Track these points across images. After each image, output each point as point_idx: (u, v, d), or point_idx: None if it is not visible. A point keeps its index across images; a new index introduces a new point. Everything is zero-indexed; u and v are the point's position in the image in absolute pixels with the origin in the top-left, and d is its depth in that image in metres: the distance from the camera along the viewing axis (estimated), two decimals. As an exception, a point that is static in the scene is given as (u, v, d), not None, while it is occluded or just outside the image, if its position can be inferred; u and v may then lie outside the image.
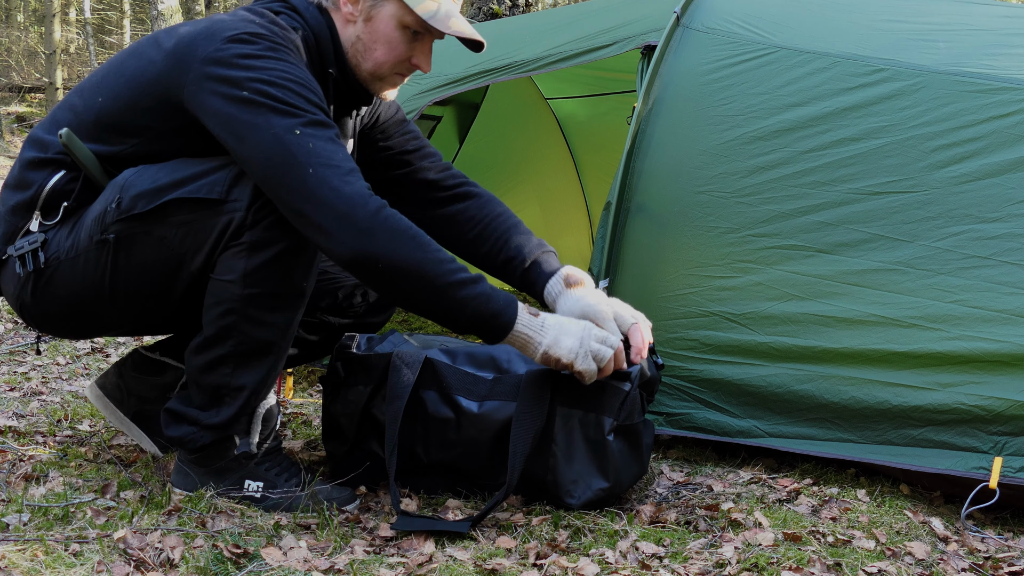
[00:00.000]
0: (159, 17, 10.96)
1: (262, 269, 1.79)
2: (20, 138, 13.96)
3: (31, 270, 1.86)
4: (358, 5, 1.91)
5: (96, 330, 2.06)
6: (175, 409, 1.91)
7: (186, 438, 1.88)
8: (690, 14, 2.64)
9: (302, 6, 1.93)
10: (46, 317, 1.95)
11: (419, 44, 1.94)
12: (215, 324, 1.82)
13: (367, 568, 1.64)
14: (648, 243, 2.42)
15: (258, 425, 1.92)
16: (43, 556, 1.57)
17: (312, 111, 1.77)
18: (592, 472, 1.92)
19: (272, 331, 1.84)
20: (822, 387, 2.18)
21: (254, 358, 1.85)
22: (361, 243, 1.71)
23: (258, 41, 1.79)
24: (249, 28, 1.80)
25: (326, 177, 1.71)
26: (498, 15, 6.44)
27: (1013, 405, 1.98)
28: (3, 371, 3.05)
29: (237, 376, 1.85)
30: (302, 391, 2.92)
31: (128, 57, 1.90)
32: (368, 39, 1.92)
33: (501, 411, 1.94)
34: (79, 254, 1.84)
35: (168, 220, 1.79)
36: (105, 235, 1.81)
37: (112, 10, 19.68)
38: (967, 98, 2.22)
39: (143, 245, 1.81)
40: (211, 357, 1.84)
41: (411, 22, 1.89)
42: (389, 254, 1.71)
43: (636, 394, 1.95)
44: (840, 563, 1.70)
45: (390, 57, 1.93)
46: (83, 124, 1.87)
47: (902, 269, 2.14)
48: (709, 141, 2.41)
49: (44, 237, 1.86)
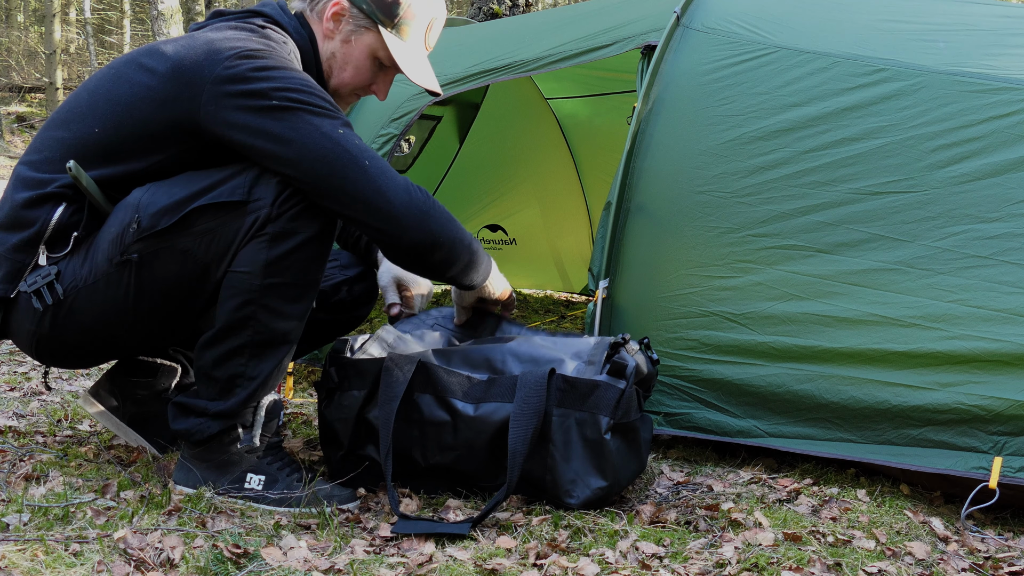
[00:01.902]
0: (159, 17, 10.96)
1: (283, 259, 1.83)
2: (20, 138, 13.96)
3: (50, 303, 1.86)
4: (340, 26, 2.02)
5: (115, 354, 2.09)
6: (183, 402, 1.93)
7: (193, 429, 1.90)
8: (690, 14, 2.64)
9: (283, 20, 2.01)
10: (65, 347, 1.94)
11: (383, 75, 2.10)
12: (231, 315, 1.84)
13: (367, 568, 1.64)
14: (648, 243, 2.42)
15: (262, 418, 1.94)
16: (43, 556, 1.57)
17: (340, 113, 1.86)
18: (590, 471, 1.92)
19: (288, 321, 1.88)
20: (822, 387, 2.18)
21: (270, 348, 1.88)
22: (427, 226, 1.85)
23: (264, 55, 1.84)
24: (249, 44, 1.85)
25: (383, 169, 1.83)
26: (498, 15, 6.44)
27: (1013, 405, 1.98)
28: (3, 371, 3.05)
29: (252, 366, 1.87)
30: (302, 391, 2.92)
31: (113, 83, 1.89)
32: (341, 59, 2.05)
33: (497, 413, 1.94)
34: (99, 279, 1.85)
35: (191, 231, 1.81)
36: (126, 256, 1.82)
37: (112, 10, 19.69)
38: (967, 98, 2.21)
39: (167, 260, 1.83)
40: (226, 349, 1.86)
41: (383, 57, 2.05)
42: (448, 233, 1.89)
43: (632, 391, 1.95)
44: (840, 563, 1.70)
45: (355, 80, 2.07)
46: (79, 156, 1.86)
47: (902, 269, 2.14)
48: (709, 141, 2.41)
49: (57, 269, 1.86)
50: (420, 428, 1.99)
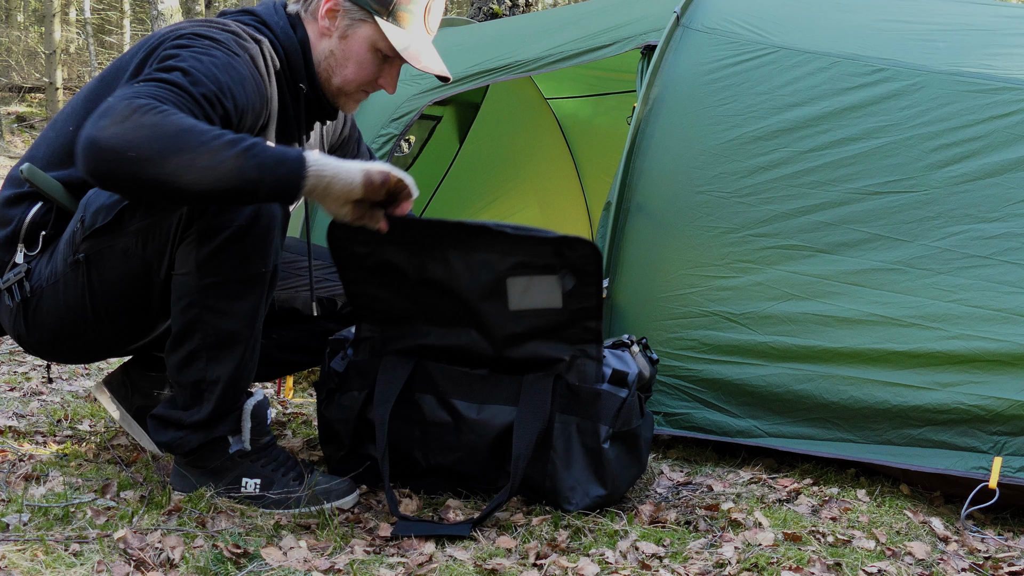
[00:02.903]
0: (159, 17, 10.96)
1: (214, 257, 1.77)
2: (20, 138, 13.96)
3: (19, 300, 1.89)
4: (335, 22, 1.94)
5: (96, 352, 2.05)
6: (160, 414, 1.91)
7: (174, 443, 1.89)
8: (690, 14, 2.64)
9: (271, 20, 1.95)
10: (43, 345, 1.96)
11: (388, 67, 1.98)
12: (180, 319, 1.82)
13: (367, 568, 1.64)
14: (648, 243, 2.42)
15: (248, 422, 1.92)
16: (43, 556, 1.57)
17: (204, 98, 1.66)
18: (590, 479, 1.91)
19: (236, 320, 1.82)
20: (822, 387, 2.18)
21: (223, 349, 1.83)
22: (117, 126, 1.53)
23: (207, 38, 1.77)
24: (203, 30, 1.80)
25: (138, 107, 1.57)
26: (498, 15, 6.44)
27: (1013, 405, 1.98)
28: (3, 371, 3.05)
29: (211, 369, 1.84)
30: (302, 391, 2.92)
31: (98, 81, 1.91)
32: (341, 55, 1.95)
33: (500, 416, 1.93)
34: (58, 279, 1.86)
35: (127, 230, 1.80)
36: (77, 255, 1.82)
37: (112, 10, 19.68)
38: (967, 98, 2.22)
39: (111, 259, 1.82)
40: (184, 353, 1.84)
41: (384, 47, 1.94)
42: (153, 129, 1.53)
43: (634, 399, 1.94)
44: (840, 563, 1.70)
45: (359, 76, 1.97)
46: (55, 154, 1.88)
47: (902, 269, 2.14)
48: (709, 141, 2.41)
49: (27, 267, 1.89)
50: (422, 428, 1.98)
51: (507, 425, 1.91)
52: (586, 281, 1.87)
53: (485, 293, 1.91)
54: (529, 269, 1.87)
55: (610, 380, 1.93)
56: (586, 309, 1.89)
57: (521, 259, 1.87)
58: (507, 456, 1.91)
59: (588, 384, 1.92)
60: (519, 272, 1.87)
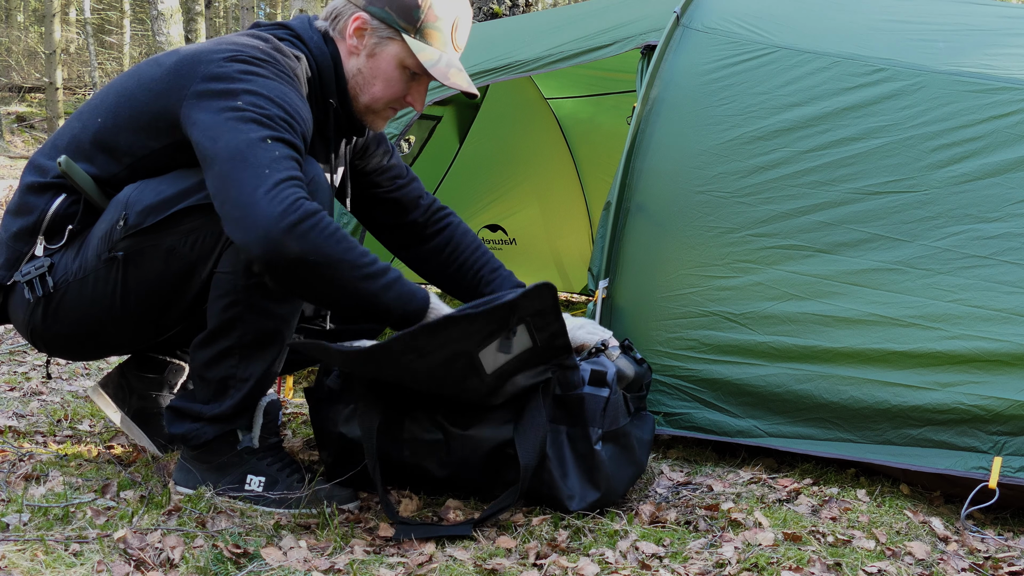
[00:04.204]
0: (159, 17, 10.96)
1: None
2: (20, 138, 13.96)
3: (40, 295, 1.88)
4: (363, 40, 1.96)
5: (107, 350, 2.08)
6: (178, 406, 1.92)
7: (189, 434, 1.90)
8: (690, 14, 2.64)
9: (306, 35, 1.97)
10: (58, 340, 1.96)
11: (416, 84, 2.01)
12: (220, 316, 1.84)
13: (367, 568, 1.64)
14: (648, 243, 2.42)
15: (260, 419, 1.94)
16: (43, 556, 1.57)
17: (288, 132, 1.76)
18: (586, 485, 1.91)
19: (277, 321, 1.87)
20: (822, 387, 2.18)
21: (259, 348, 1.87)
22: (288, 236, 1.64)
23: (259, 63, 1.81)
24: (251, 52, 1.83)
25: (265, 174, 1.67)
26: (498, 15, 6.44)
27: (1013, 405, 1.98)
28: (3, 371, 3.05)
29: (243, 367, 1.87)
30: (302, 391, 2.92)
31: (128, 78, 1.92)
32: (369, 73, 1.98)
33: (486, 430, 1.90)
34: (87, 274, 1.86)
35: (177, 229, 1.82)
36: (113, 253, 1.83)
37: (112, 10, 19.69)
38: (967, 98, 2.22)
39: (153, 258, 1.83)
40: (217, 350, 1.86)
41: (412, 65, 1.96)
42: (323, 251, 1.67)
43: (618, 397, 1.94)
44: (840, 563, 1.70)
45: (387, 93, 2.00)
46: (81, 146, 1.90)
47: (902, 269, 2.14)
48: (709, 141, 2.41)
49: (50, 261, 1.88)
50: (412, 448, 1.95)
51: (500, 439, 1.89)
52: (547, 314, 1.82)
53: (460, 377, 1.84)
54: (493, 336, 1.83)
55: (590, 382, 1.93)
56: (553, 333, 1.85)
57: (483, 334, 1.81)
58: (503, 465, 1.90)
59: (570, 391, 1.91)
60: (486, 343, 1.82)
